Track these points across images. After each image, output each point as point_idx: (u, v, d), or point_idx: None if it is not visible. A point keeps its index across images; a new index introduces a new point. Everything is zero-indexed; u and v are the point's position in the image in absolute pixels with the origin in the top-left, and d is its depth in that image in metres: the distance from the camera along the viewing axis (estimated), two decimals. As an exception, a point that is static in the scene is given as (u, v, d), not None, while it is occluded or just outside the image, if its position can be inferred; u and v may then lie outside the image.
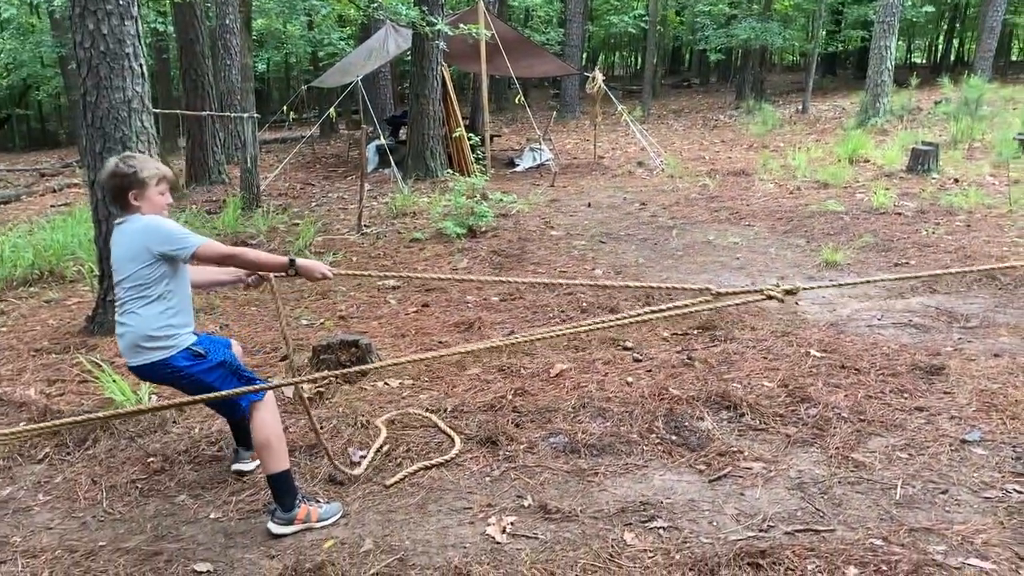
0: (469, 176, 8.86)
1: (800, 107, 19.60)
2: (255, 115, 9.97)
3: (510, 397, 4.08)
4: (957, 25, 33.30)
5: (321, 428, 3.66)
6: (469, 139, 11.37)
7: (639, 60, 34.89)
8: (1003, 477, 3.21)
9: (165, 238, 2.81)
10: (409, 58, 12.48)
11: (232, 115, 11.24)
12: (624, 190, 10.72)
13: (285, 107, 15.59)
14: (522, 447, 3.57)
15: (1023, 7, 28.12)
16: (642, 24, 25.18)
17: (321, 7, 17.97)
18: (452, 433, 3.70)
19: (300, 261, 3.00)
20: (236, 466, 3.45)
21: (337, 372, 3.08)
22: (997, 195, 9.08)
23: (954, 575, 2.57)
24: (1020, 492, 3.10)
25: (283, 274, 3.05)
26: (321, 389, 4.31)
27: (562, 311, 5.53)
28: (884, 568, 2.61)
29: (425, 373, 4.44)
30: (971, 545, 2.75)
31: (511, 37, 13.71)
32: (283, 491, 2.99)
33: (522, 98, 12.72)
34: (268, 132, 19.18)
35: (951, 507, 3.01)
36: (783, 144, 14.18)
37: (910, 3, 21.73)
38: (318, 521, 3.02)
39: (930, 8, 23.41)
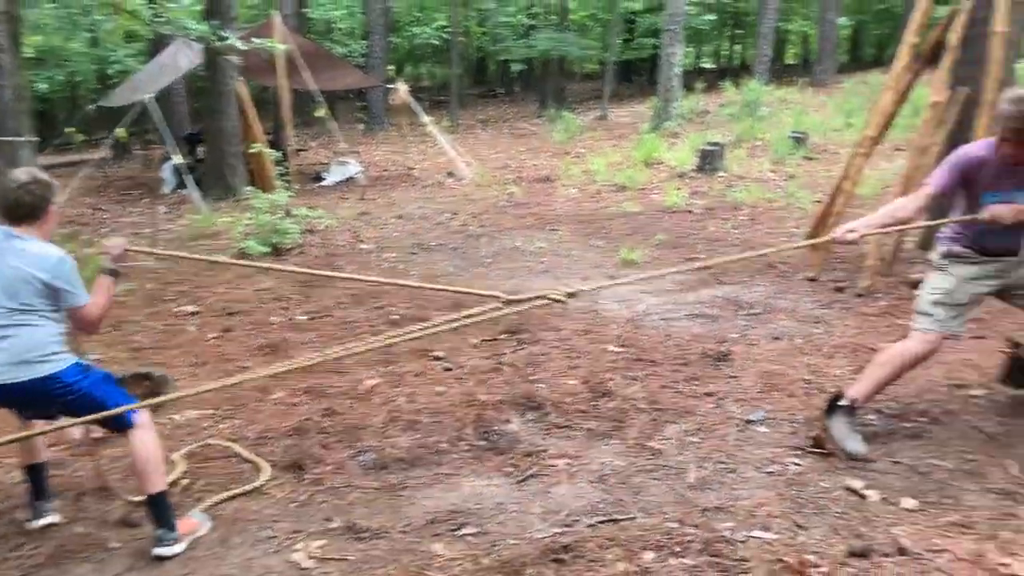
0: (272, 193, 8.61)
1: (600, 114, 20.41)
2: (32, 139, 9.24)
3: (317, 418, 3.99)
4: (739, 32, 35.78)
5: (111, 468, 3.45)
6: (272, 154, 11.04)
7: (445, 71, 35.21)
8: (783, 452, 3.47)
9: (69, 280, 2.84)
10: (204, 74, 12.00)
11: (4, 140, 10.37)
12: (434, 200, 10.77)
13: (69, 128, 14.54)
14: (329, 468, 3.50)
15: (794, 15, 30.64)
16: (445, 35, 25.41)
17: (104, 22, 16.94)
18: (258, 460, 3.57)
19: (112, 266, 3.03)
20: (43, 521, 3.14)
21: (123, 409, 2.90)
22: (776, 189, 9.83)
23: (740, 549, 2.75)
24: (798, 464, 3.36)
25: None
26: (114, 427, 4.04)
27: (372, 325, 5.48)
28: (678, 549, 2.76)
29: (227, 401, 4.27)
30: (755, 519, 2.95)
31: (311, 50, 13.45)
32: (165, 510, 2.91)
33: (326, 111, 12.51)
34: (53, 156, 17.84)
35: (738, 485, 3.22)
36: (584, 150, 14.71)
37: (694, 12, 23.15)
38: (200, 528, 3.00)
39: (712, 17, 25.03)
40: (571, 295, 3.23)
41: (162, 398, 3.39)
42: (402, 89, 13.49)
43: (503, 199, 10.41)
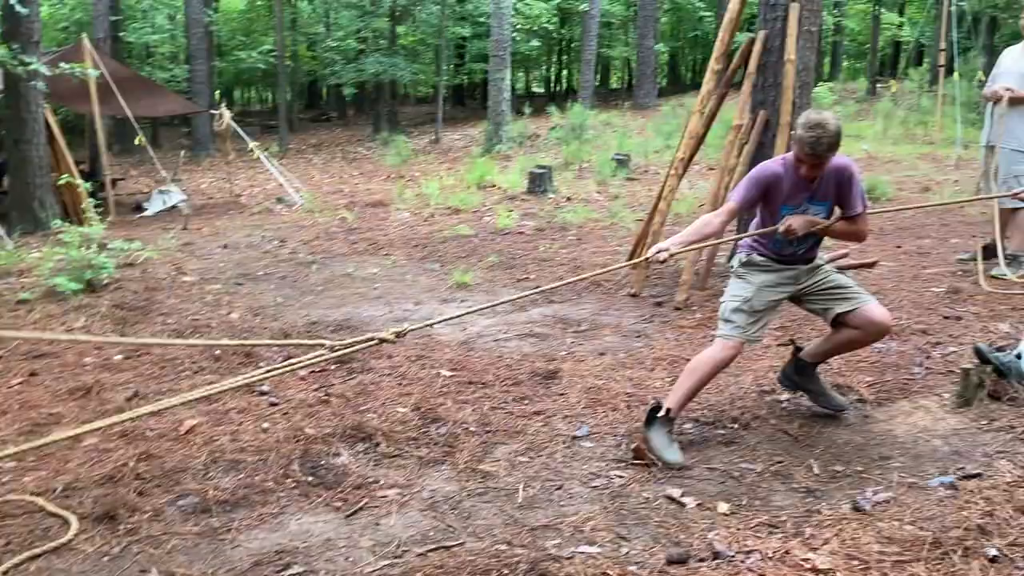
0: (86, 225, 8.11)
1: (433, 137, 20.53)
2: None
3: (133, 464, 3.76)
4: (565, 58, 37.00)
5: None
6: (87, 184, 10.41)
7: (274, 96, 34.42)
8: (607, 465, 3.57)
9: None
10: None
11: None
12: (263, 228, 10.47)
13: None
14: (146, 516, 3.30)
15: (615, 41, 31.98)
16: (272, 60, 24.86)
17: None
18: (65, 514, 3.33)
19: None
20: None
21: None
22: (602, 209, 10.19)
23: (566, 565, 2.80)
24: (621, 476, 3.48)
25: None
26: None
27: (194, 363, 5.24)
28: (506, 571, 2.77)
29: (31, 452, 3.96)
30: (581, 534, 3.02)
31: (126, 75, 12.84)
32: None
33: (143, 139, 11.95)
34: None
35: (565, 501, 3.29)
36: (418, 173, 14.75)
37: (520, 38, 23.74)
38: None
39: (537, 43, 25.74)
40: (400, 335, 3.20)
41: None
42: (226, 115, 13.08)
43: (335, 225, 10.26)
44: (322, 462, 3.69)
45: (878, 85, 22.89)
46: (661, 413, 3.58)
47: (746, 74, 6.15)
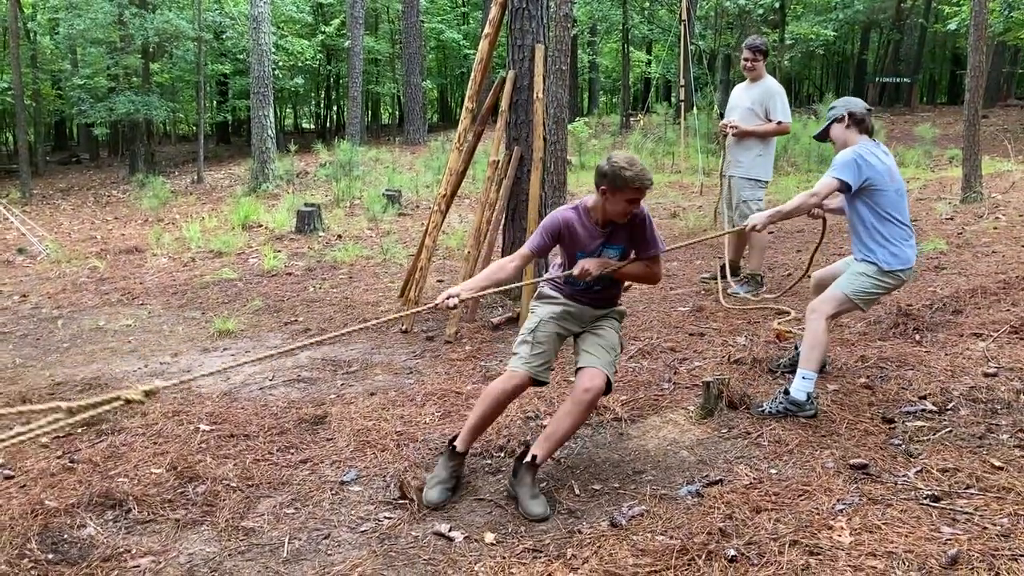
0: None
1: (195, 177, 19.64)
2: None
3: None
4: (334, 94, 36.72)
5: None
6: None
7: (14, 137, 31.60)
8: (376, 508, 3.53)
9: None
10: None
11: None
12: (1, 282, 9.52)
13: None
14: None
15: (383, 78, 32.16)
16: (9, 99, 22.81)
17: None
18: None
19: None
20: None
21: None
22: (374, 246, 10.16)
23: (331, 616, 2.73)
24: (389, 517, 3.45)
25: None
26: None
27: (-88, 439, 4.65)
28: (268, 631, 2.67)
29: None
30: (348, 581, 2.96)
31: None
32: None
33: None
34: None
35: (332, 550, 3.21)
36: (179, 216, 14.03)
37: (283, 75, 23.31)
38: None
39: (300, 80, 25.39)
40: (150, 393, 3.00)
41: None
42: (-48, 159, 11.81)
43: (85, 275, 9.52)
44: (65, 536, 3.38)
45: (630, 119, 24.52)
46: (451, 447, 3.62)
47: (499, 112, 6.37)
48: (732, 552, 2.92)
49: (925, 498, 3.23)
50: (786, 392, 4.19)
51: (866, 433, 3.93)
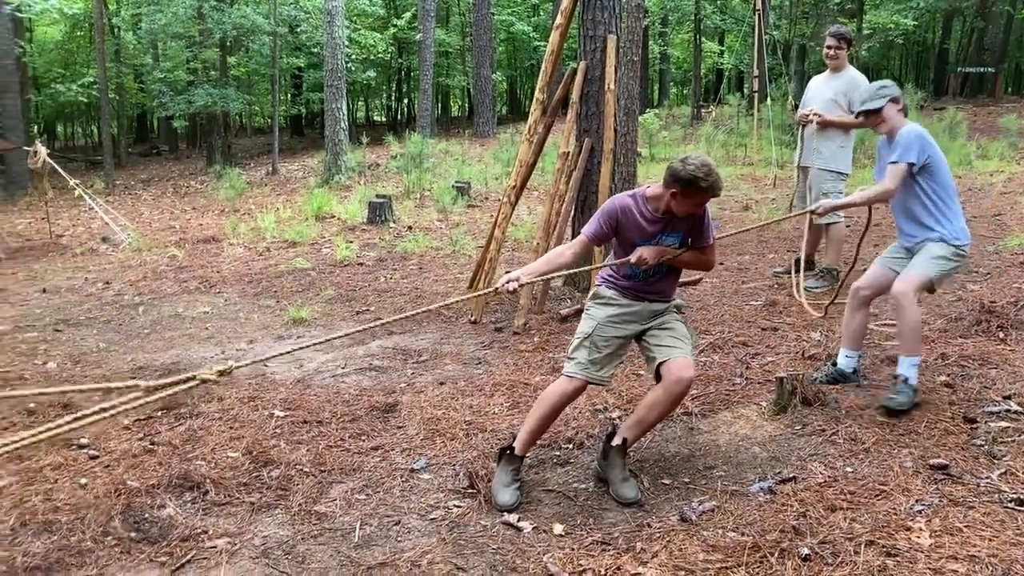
0: None
1: (270, 168, 20.05)
2: None
3: (-70, 537, 3.45)
4: (405, 87, 37.06)
5: None
6: None
7: (99, 130, 32.74)
8: (445, 496, 3.56)
9: None
10: None
11: None
12: (86, 270, 9.88)
13: None
14: (-59, 593, 3.04)
15: (453, 70, 32.34)
16: (94, 92, 23.61)
17: None
18: None
19: None
20: None
21: None
22: (443, 238, 10.23)
23: (401, 601, 2.77)
24: (459, 505, 3.48)
25: None
26: None
27: (4, 418, 4.86)
28: (340, 614, 2.72)
29: None
30: (418, 569, 3.00)
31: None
32: None
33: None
34: None
35: (402, 536, 3.26)
36: (254, 207, 14.35)
37: (356, 68, 23.61)
38: None
39: (373, 73, 25.67)
40: (224, 372, 3.08)
41: None
42: (42, 151, 12.29)
43: (164, 263, 9.81)
44: (146, 515, 3.50)
45: (702, 111, 24.18)
46: (510, 450, 3.57)
47: (570, 103, 6.35)
48: (806, 551, 2.86)
49: (1010, 501, 3.11)
50: (905, 380, 4.06)
51: (946, 433, 3.80)
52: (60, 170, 12.86)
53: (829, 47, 6.58)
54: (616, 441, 3.55)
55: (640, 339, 3.68)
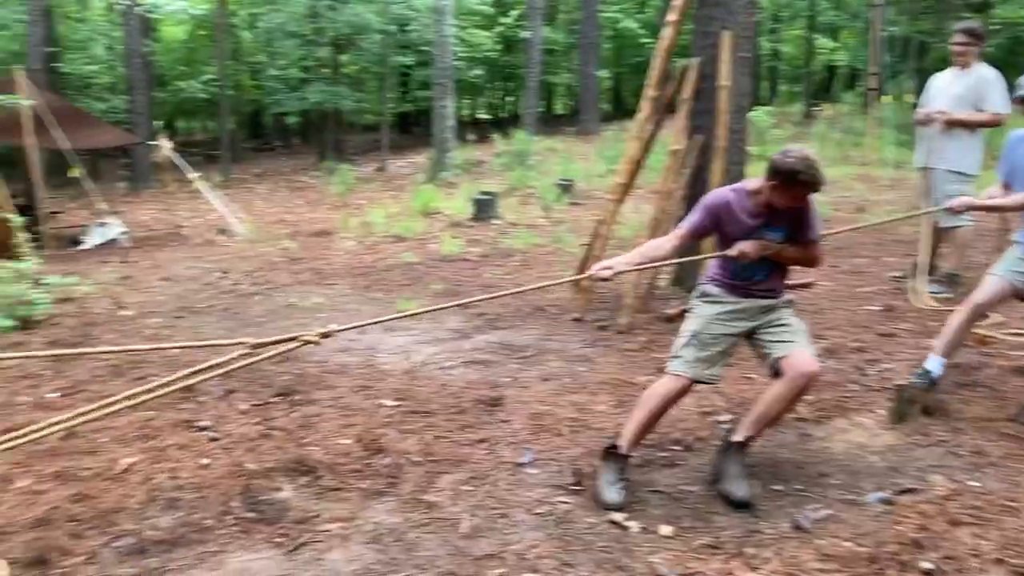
0: (18, 260, 7.91)
1: (378, 165, 20.50)
2: None
3: (67, 505, 3.66)
4: (509, 84, 37.28)
5: None
6: (20, 218, 10.17)
7: (217, 125, 34.19)
8: (552, 492, 3.58)
9: None
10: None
11: None
12: (204, 260, 10.32)
13: None
14: (80, 559, 3.22)
15: (558, 68, 32.33)
16: (213, 89, 24.63)
17: None
18: (-8, 560, 3.22)
19: None
20: None
21: None
22: (546, 235, 10.26)
23: (510, 593, 2.79)
24: (566, 503, 3.48)
25: None
26: None
27: (132, 397, 5.12)
28: (449, 602, 2.76)
29: (-41, 497, 3.83)
30: (526, 562, 3.02)
31: (61, 107, 12.63)
32: None
33: (80, 170, 11.73)
34: None
35: (509, 529, 3.28)
36: (363, 202, 14.69)
37: (463, 66, 23.89)
38: None
39: (480, 71, 25.92)
40: (325, 335, 3.19)
41: None
42: (165, 145, 12.91)
43: (278, 255, 10.15)
44: (263, 497, 3.63)
45: (814, 108, 23.49)
46: (615, 449, 3.54)
47: (681, 100, 6.26)
48: (928, 565, 2.76)
49: None
50: None
51: (1082, 450, 3.60)
52: (181, 164, 13.48)
53: (957, 43, 6.28)
54: (736, 437, 3.50)
55: (751, 337, 3.60)
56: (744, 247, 3.43)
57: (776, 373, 3.48)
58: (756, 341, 3.59)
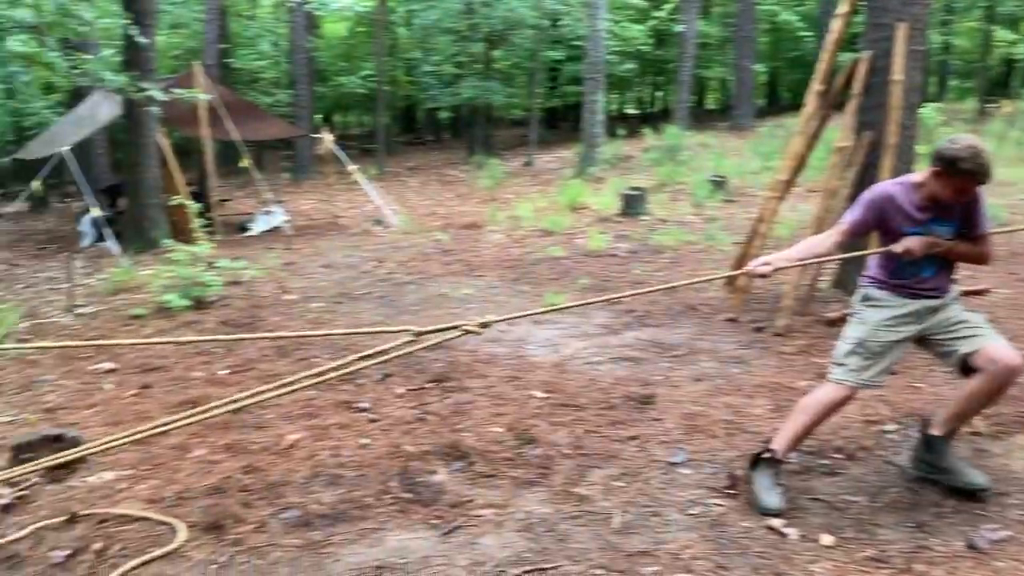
0: (194, 245, 8.47)
1: (526, 160, 20.67)
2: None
3: (238, 476, 3.89)
4: (660, 79, 36.77)
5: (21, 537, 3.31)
6: (196, 205, 10.88)
7: (373, 119, 35.38)
8: (705, 493, 3.51)
9: None
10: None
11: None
12: (361, 249, 10.71)
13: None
14: (251, 527, 3.41)
15: (712, 62, 31.63)
16: (371, 84, 25.49)
17: (20, 74, 16.55)
18: (173, 521, 3.46)
19: None
20: None
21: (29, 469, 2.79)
22: (697, 232, 10.07)
23: (664, 592, 2.76)
24: (720, 505, 3.41)
25: None
26: (24, 492, 3.88)
27: (288, 371, 5.38)
28: (603, 596, 2.75)
29: (144, 461, 4.14)
30: (680, 562, 2.98)
31: (233, 100, 13.39)
32: None
33: (249, 161, 12.41)
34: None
35: (662, 528, 3.24)
36: (511, 196, 14.87)
37: (615, 60, 23.73)
38: None
39: (632, 65, 25.68)
40: (485, 325, 3.25)
41: (65, 455, 3.26)
42: (327, 138, 13.47)
43: (430, 246, 10.42)
44: (420, 479, 3.74)
45: (990, 105, 21.99)
46: (768, 455, 3.42)
47: (851, 95, 6.00)
48: (1125, 600, 2.53)
49: None
50: None
51: None
52: (342, 156, 14.03)
53: None
54: (935, 431, 3.37)
55: (925, 340, 3.42)
56: (910, 243, 3.25)
57: (966, 370, 3.28)
58: (931, 342, 3.40)
